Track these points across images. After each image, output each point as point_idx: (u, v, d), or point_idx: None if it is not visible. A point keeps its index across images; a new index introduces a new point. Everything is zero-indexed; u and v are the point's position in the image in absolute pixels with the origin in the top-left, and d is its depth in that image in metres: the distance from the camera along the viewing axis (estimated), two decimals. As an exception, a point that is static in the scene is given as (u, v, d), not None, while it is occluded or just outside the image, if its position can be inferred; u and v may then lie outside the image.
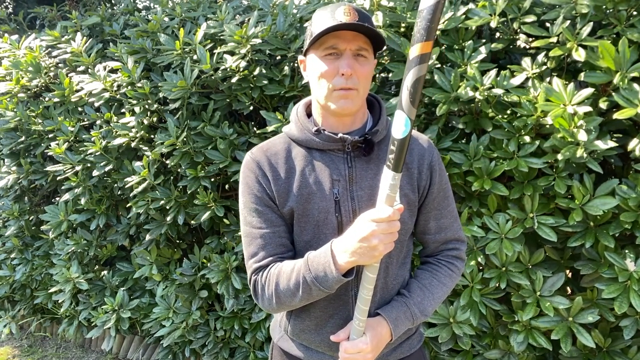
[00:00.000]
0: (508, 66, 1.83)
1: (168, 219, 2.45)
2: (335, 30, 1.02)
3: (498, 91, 1.75)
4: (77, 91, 2.69)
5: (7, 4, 5.24)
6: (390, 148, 0.92)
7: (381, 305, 1.17)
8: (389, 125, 1.20)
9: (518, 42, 1.96)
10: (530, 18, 1.81)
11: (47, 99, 2.86)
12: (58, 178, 2.82)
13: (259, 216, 1.13)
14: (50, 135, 2.85)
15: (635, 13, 1.69)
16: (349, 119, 1.13)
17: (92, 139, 2.55)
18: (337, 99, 1.07)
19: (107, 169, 2.58)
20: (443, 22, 1.89)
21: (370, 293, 1.03)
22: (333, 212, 1.11)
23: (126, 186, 2.48)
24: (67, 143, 2.70)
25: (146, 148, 2.46)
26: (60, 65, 2.97)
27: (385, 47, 2.10)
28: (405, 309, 1.15)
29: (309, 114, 1.21)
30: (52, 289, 3.06)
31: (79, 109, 2.80)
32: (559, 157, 1.67)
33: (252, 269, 1.14)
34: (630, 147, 1.65)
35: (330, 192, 1.12)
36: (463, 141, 2.01)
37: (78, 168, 2.66)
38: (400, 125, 0.88)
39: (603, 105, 1.68)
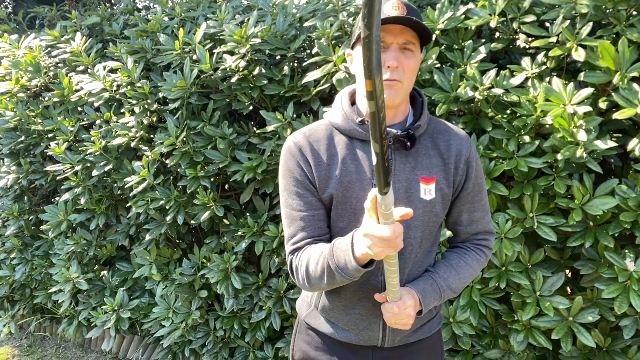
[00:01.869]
0: (508, 66, 1.83)
1: (168, 219, 2.45)
2: (384, 24, 1.03)
3: (498, 91, 1.75)
4: (77, 91, 2.69)
5: (7, 4, 5.24)
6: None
7: None
8: (430, 120, 1.22)
9: (518, 42, 1.96)
10: (530, 18, 1.81)
11: (47, 99, 2.86)
12: (58, 178, 2.82)
13: (299, 199, 1.16)
14: (50, 135, 2.85)
15: (635, 13, 1.69)
16: (391, 112, 1.15)
17: (92, 139, 2.55)
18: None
19: (107, 169, 2.58)
20: (443, 22, 1.89)
21: (397, 280, 1.05)
22: None
23: (126, 186, 2.48)
24: (67, 143, 2.70)
25: (146, 148, 2.46)
26: (60, 65, 2.97)
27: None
28: (432, 282, 1.18)
29: (352, 103, 1.22)
30: (52, 289, 3.06)
31: (79, 109, 2.80)
32: (559, 157, 1.67)
33: (290, 250, 1.17)
34: (630, 147, 1.65)
35: (370, 182, 1.14)
36: (463, 141, 2.01)
37: (78, 168, 2.66)
38: (373, 154, 0.86)
39: (603, 105, 1.68)
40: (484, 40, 1.95)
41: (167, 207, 2.44)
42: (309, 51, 2.29)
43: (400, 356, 1.27)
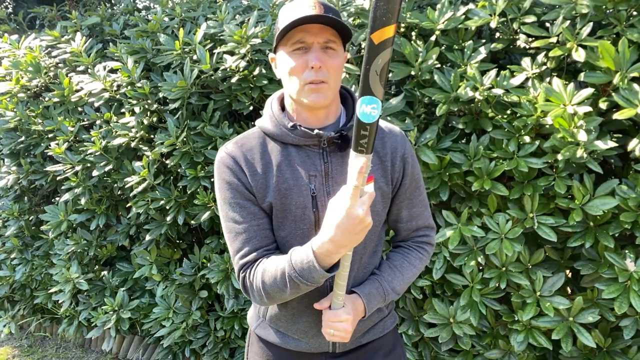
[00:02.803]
0: (508, 66, 1.83)
1: (168, 219, 2.45)
2: (301, 24, 1.02)
3: (498, 91, 1.75)
4: (77, 91, 2.69)
5: (7, 4, 5.24)
6: (361, 133, 0.92)
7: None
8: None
9: (518, 42, 1.96)
10: (530, 18, 1.81)
11: (47, 99, 2.86)
12: (58, 178, 2.82)
13: (241, 210, 1.12)
14: (50, 135, 2.85)
15: (635, 13, 1.69)
16: (322, 113, 1.13)
17: (92, 139, 2.55)
18: (308, 93, 1.06)
19: (107, 169, 2.58)
20: (443, 22, 1.89)
21: (348, 269, 1.06)
22: (310, 208, 1.12)
23: (126, 186, 2.48)
24: (67, 143, 2.70)
25: (146, 148, 2.46)
26: (60, 65, 2.97)
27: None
28: (377, 285, 1.19)
29: (283, 108, 1.20)
30: (52, 289, 3.06)
31: (79, 109, 2.80)
32: (559, 157, 1.67)
33: (239, 265, 1.13)
34: (630, 147, 1.65)
35: (307, 187, 1.12)
36: (463, 141, 2.01)
37: (78, 168, 2.66)
38: (370, 109, 0.90)
39: (603, 105, 1.68)
40: (484, 41, 1.95)
41: (167, 207, 2.44)
42: (309, 51, 2.28)
43: (355, 359, 1.26)
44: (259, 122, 1.19)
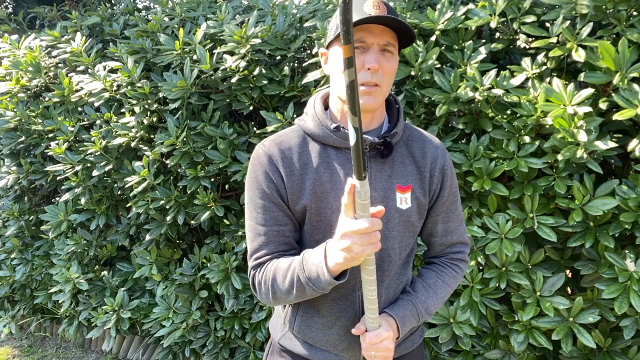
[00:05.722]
0: (508, 66, 1.83)
1: (168, 219, 2.45)
2: (366, 23, 0.98)
3: (498, 91, 1.75)
4: (77, 91, 2.69)
5: (7, 4, 5.24)
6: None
7: (386, 303, 1.17)
8: (406, 128, 1.18)
9: (518, 42, 1.97)
10: (530, 18, 1.81)
11: (47, 99, 2.87)
12: (58, 178, 2.82)
13: (264, 213, 1.10)
14: (50, 135, 2.85)
15: (635, 13, 1.69)
16: (368, 117, 1.10)
17: (92, 139, 2.56)
18: (360, 95, 1.01)
19: (107, 169, 2.58)
20: (443, 22, 1.89)
21: (375, 293, 1.02)
22: None
23: (126, 186, 2.48)
24: (67, 143, 2.70)
25: (146, 148, 2.46)
26: (60, 65, 2.97)
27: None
28: (412, 307, 1.15)
29: (325, 106, 1.16)
30: (52, 289, 3.06)
31: (79, 109, 2.80)
32: (559, 157, 1.67)
33: (252, 265, 1.12)
34: (630, 147, 1.65)
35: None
36: (463, 141, 2.01)
37: (78, 168, 2.66)
38: (350, 131, 0.84)
39: (603, 105, 1.68)
40: (484, 41, 1.95)
41: (167, 207, 2.44)
42: (309, 51, 2.29)
43: None
44: (298, 121, 1.16)
